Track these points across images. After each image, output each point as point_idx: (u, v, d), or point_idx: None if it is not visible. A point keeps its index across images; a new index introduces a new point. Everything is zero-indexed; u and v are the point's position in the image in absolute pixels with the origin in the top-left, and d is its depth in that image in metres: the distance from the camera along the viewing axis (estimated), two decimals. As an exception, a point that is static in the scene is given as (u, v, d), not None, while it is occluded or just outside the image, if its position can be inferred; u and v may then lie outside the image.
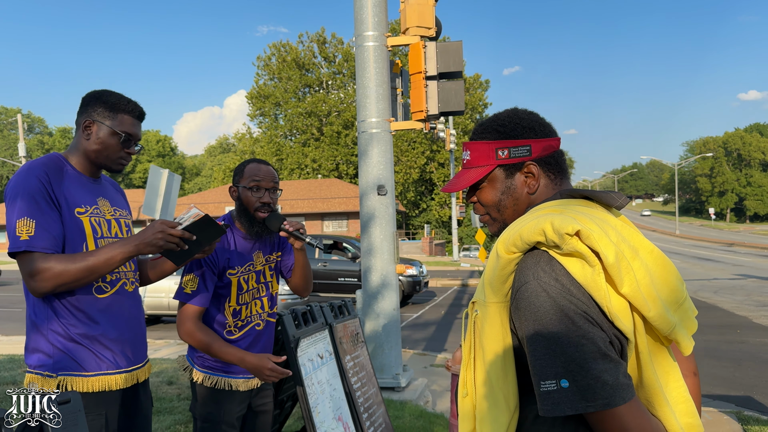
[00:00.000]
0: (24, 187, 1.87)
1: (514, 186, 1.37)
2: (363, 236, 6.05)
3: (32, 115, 73.30)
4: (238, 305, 2.53)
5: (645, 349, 1.15)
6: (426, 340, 9.82)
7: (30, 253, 1.83)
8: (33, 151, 63.69)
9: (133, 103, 2.08)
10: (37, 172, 1.89)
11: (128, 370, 2.01)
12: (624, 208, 1.32)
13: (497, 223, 1.42)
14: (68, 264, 1.84)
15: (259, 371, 2.38)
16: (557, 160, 1.37)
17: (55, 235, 1.87)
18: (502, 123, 1.38)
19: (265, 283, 2.65)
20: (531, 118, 1.38)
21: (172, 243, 1.94)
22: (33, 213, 1.84)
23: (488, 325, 1.22)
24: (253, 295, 2.59)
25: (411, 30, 5.90)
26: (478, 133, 1.42)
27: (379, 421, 3.78)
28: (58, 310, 1.90)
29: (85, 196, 1.99)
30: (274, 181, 2.51)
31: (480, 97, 51.67)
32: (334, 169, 51.18)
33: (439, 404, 5.82)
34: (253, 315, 2.58)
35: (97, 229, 1.98)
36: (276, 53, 54.34)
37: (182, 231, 1.95)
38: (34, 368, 1.91)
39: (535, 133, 1.35)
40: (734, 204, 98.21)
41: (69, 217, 1.92)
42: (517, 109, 1.41)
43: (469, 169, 1.42)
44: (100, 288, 1.96)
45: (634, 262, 1.14)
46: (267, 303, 2.65)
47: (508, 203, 1.38)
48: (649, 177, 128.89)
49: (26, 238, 1.82)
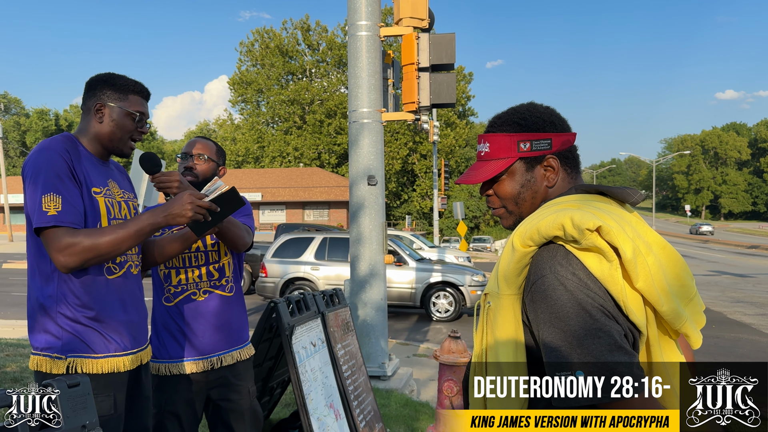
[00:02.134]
0: (46, 164, 1.87)
1: (534, 179, 1.38)
2: (352, 225, 6.07)
3: (8, 96, 71.77)
4: (166, 268, 2.49)
5: (656, 341, 1.19)
6: (408, 330, 9.89)
7: (57, 228, 1.83)
8: (9, 132, 62.46)
9: (140, 83, 2.12)
10: (59, 149, 1.90)
11: (134, 351, 2.03)
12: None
13: (513, 216, 1.42)
14: (97, 237, 1.85)
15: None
16: (574, 154, 1.40)
17: (81, 211, 1.89)
18: (523, 116, 1.38)
19: (204, 252, 2.50)
20: (550, 112, 1.39)
21: (200, 214, 1.97)
22: (58, 188, 1.85)
23: (501, 317, 1.24)
24: (184, 261, 2.48)
25: (404, 21, 5.90)
26: (498, 125, 1.41)
27: (368, 409, 3.82)
28: (66, 291, 1.89)
29: (99, 177, 2.01)
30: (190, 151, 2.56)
31: (463, 90, 51.79)
32: (317, 158, 51.00)
33: (424, 393, 5.88)
34: (189, 283, 2.47)
35: (111, 210, 2.00)
36: (259, 39, 53.84)
37: (209, 203, 2.00)
38: (42, 350, 1.90)
39: (555, 127, 1.37)
40: (709, 201, 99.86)
41: (87, 196, 1.93)
42: (535, 104, 1.42)
43: (487, 161, 1.41)
44: (110, 269, 1.97)
45: (648, 257, 1.17)
46: (207, 273, 2.49)
47: (527, 196, 1.39)
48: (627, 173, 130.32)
49: (54, 213, 1.82)
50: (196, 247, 2.48)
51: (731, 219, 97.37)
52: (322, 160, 50.97)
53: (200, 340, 2.46)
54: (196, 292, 2.47)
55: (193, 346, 2.46)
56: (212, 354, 2.48)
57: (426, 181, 48.71)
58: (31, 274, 1.95)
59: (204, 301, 2.47)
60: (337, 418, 3.36)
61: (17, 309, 10.96)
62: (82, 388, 1.58)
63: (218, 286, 2.51)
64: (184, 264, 2.48)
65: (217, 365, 2.48)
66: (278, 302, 3.15)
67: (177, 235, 2.32)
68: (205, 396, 2.53)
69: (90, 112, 2.05)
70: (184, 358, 2.45)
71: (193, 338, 2.45)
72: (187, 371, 2.44)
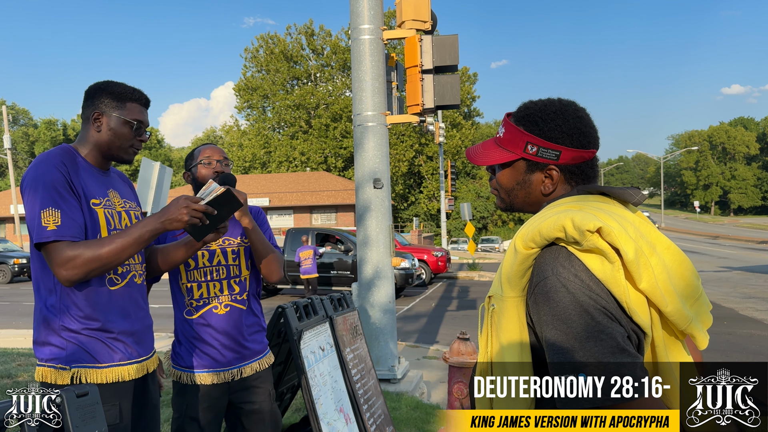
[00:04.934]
0: (44, 178, 1.86)
1: (530, 182, 1.38)
2: (359, 228, 6.08)
3: (17, 107, 72.26)
4: (188, 282, 2.49)
5: (661, 342, 1.18)
6: (418, 332, 9.87)
7: (57, 242, 1.82)
8: (18, 143, 62.90)
9: (138, 91, 2.09)
10: (56, 162, 1.89)
11: (139, 360, 2.03)
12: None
13: (504, 203, 1.45)
14: (98, 248, 1.85)
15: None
16: (584, 170, 1.36)
17: (80, 224, 1.88)
18: (543, 117, 1.34)
19: (226, 266, 2.52)
20: (574, 124, 1.34)
21: (196, 218, 1.95)
22: (57, 202, 1.84)
23: (505, 320, 1.23)
24: (206, 274, 2.49)
25: (407, 23, 5.91)
26: (520, 116, 1.39)
27: (378, 413, 3.82)
28: (70, 303, 1.89)
29: (98, 188, 2.00)
30: (224, 156, 2.55)
31: (468, 90, 51.77)
32: (323, 162, 51.06)
33: (434, 396, 5.87)
34: (211, 297, 2.48)
35: (111, 221, 1.99)
36: (264, 45, 54.03)
37: (205, 206, 1.97)
38: (47, 361, 1.90)
39: (571, 142, 1.33)
40: (719, 197, 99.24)
41: (86, 208, 1.93)
42: (566, 108, 1.36)
43: (496, 147, 1.41)
44: (111, 280, 1.97)
45: (651, 257, 1.16)
46: (228, 287, 2.50)
47: (519, 194, 1.40)
48: (635, 170, 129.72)
49: (54, 228, 1.82)
50: (217, 261, 2.50)
51: (741, 214, 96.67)
52: (328, 164, 51.02)
53: (220, 353, 2.46)
54: (217, 306, 2.48)
55: (214, 358, 2.46)
56: (232, 366, 2.49)
57: (433, 183, 48.68)
58: (36, 286, 1.96)
59: (225, 315, 2.48)
60: (348, 423, 3.36)
61: (28, 319, 11.03)
62: (91, 397, 1.59)
63: (239, 300, 2.52)
64: (206, 278, 2.48)
65: (237, 377, 2.50)
66: (286, 307, 3.15)
67: (181, 242, 2.31)
68: (227, 402, 2.53)
69: (89, 121, 2.03)
70: (205, 369, 2.46)
71: (212, 351, 2.46)
72: (208, 382, 2.45)
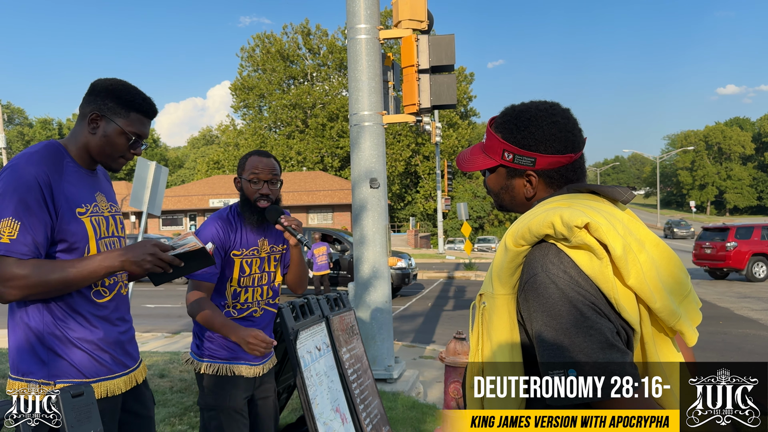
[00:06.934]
0: (15, 184, 1.71)
1: (513, 186, 1.41)
2: (355, 228, 6.08)
3: (12, 106, 72.07)
4: (239, 287, 2.62)
5: (650, 339, 1.19)
6: (414, 332, 9.87)
7: (5, 257, 1.69)
8: (13, 142, 62.68)
9: (147, 100, 1.95)
10: (35, 170, 1.74)
11: (126, 372, 1.96)
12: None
13: (496, 203, 1.50)
14: (46, 275, 1.71)
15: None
16: (563, 174, 1.36)
17: (39, 242, 1.74)
18: (517, 125, 1.36)
19: (268, 272, 2.72)
20: (548, 130, 1.33)
21: (159, 267, 1.84)
22: (20, 215, 1.70)
23: (496, 317, 1.24)
24: (254, 280, 2.66)
25: (403, 23, 5.91)
26: (498, 123, 1.41)
27: (375, 412, 3.82)
28: (55, 313, 1.81)
29: (85, 193, 1.89)
30: (274, 173, 2.62)
31: (465, 90, 51.84)
32: (319, 161, 51.07)
33: (430, 395, 5.87)
34: (253, 301, 2.66)
35: (97, 229, 1.89)
36: (260, 44, 54.00)
37: (173, 257, 1.86)
38: (24, 375, 1.78)
39: (545, 148, 1.33)
40: (714, 197, 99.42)
41: (70, 218, 1.81)
42: (540, 114, 1.36)
43: (481, 153, 1.44)
44: (98, 293, 1.89)
45: (640, 254, 1.17)
46: (267, 292, 2.72)
47: (505, 197, 1.44)
48: (631, 170, 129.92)
49: (6, 241, 1.69)
50: (264, 267, 2.70)
51: (737, 214, 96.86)
52: (325, 164, 51.03)
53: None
54: (256, 310, 2.69)
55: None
56: (263, 361, 2.71)
57: (429, 183, 48.73)
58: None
59: (260, 317, 2.70)
60: (344, 422, 3.35)
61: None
62: (86, 397, 1.58)
63: (271, 304, 2.77)
64: (254, 283, 2.67)
65: (266, 371, 2.73)
66: (282, 307, 3.14)
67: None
68: (252, 396, 2.72)
69: (85, 119, 1.89)
70: (244, 361, 2.62)
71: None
72: (245, 374, 2.62)
